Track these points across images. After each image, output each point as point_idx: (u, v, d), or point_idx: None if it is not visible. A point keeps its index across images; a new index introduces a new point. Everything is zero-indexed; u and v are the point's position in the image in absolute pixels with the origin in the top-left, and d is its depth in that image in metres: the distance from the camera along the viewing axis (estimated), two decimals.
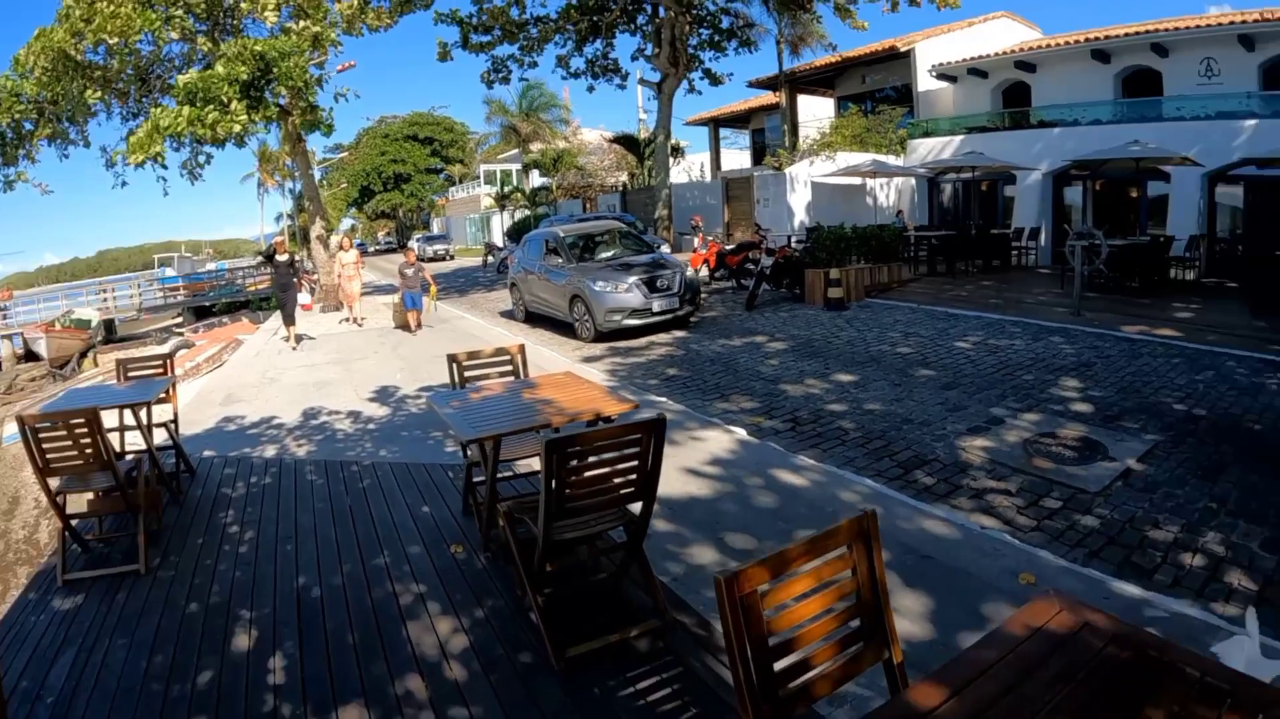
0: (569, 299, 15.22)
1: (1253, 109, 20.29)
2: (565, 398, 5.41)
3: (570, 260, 15.74)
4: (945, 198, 28.04)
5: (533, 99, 48.12)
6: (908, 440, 8.31)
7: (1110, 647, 2.30)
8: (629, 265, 15.13)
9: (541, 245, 16.96)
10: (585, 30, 25.98)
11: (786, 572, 2.48)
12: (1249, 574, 5.47)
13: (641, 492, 4.19)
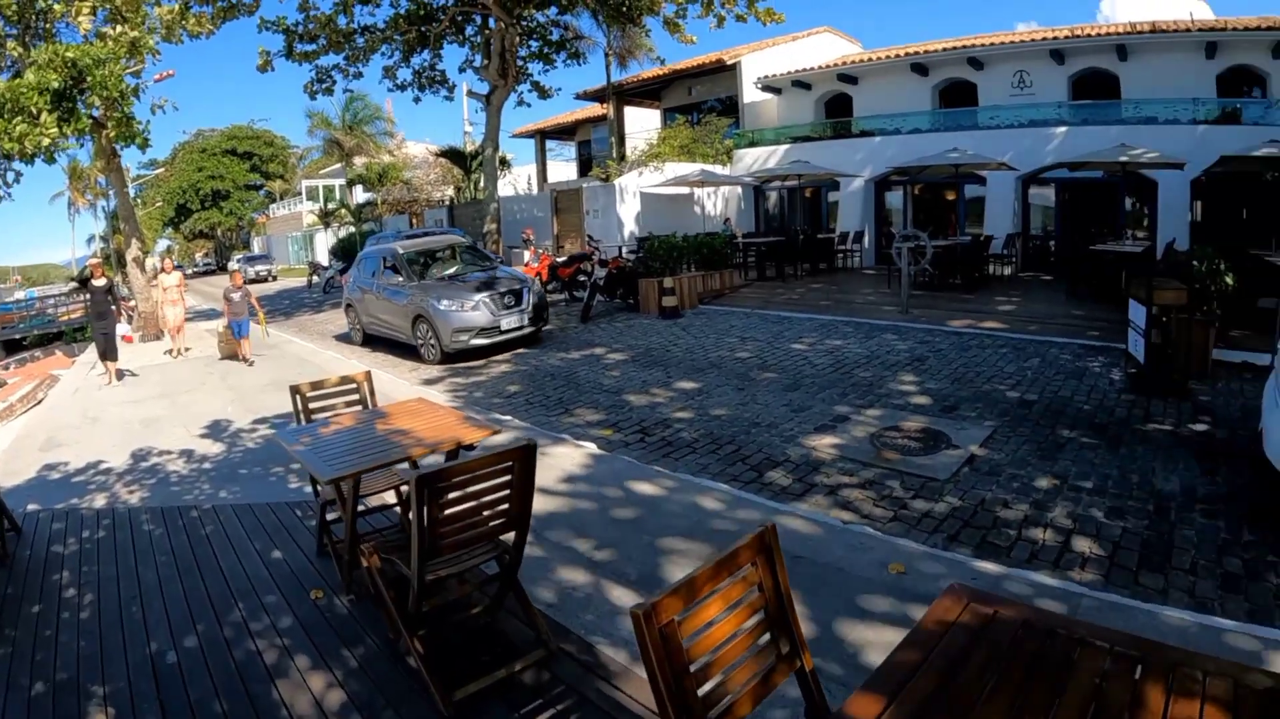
0: (411, 320, 14.33)
1: (1063, 117, 21.96)
2: (422, 427, 5.14)
3: (411, 278, 14.79)
4: (771, 205, 28.80)
5: (356, 111, 46.40)
6: (758, 443, 8.26)
7: (1022, 632, 2.38)
8: (475, 282, 14.40)
9: (379, 263, 15.92)
10: (413, 40, 25.18)
11: (699, 597, 2.42)
12: (1098, 542, 5.79)
13: (515, 521, 4.04)
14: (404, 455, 4.65)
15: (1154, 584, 5.23)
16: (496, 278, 14.74)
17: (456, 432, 4.97)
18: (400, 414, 5.49)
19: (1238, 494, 6.68)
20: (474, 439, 4.89)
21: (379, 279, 15.63)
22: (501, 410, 10.13)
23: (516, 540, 4.15)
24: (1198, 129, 19.17)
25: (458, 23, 25.14)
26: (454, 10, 24.37)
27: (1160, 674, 2.14)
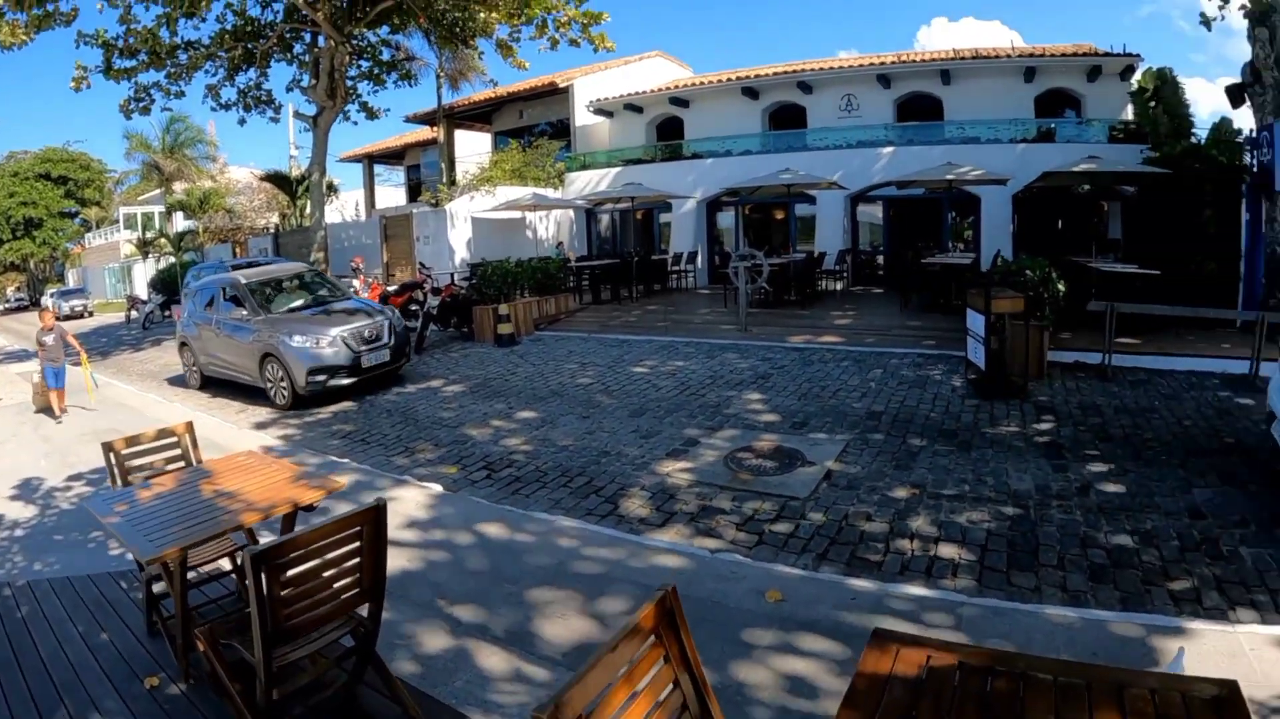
0: (259, 359, 12.50)
1: (890, 138, 22.98)
2: (254, 487, 4.61)
3: (257, 311, 12.96)
4: (603, 227, 28.91)
5: (178, 133, 43.62)
6: (609, 473, 7.93)
7: (961, 675, 2.29)
8: (329, 314, 12.94)
9: (217, 294, 13.95)
10: (239, 58, 23.74)
11: (605, 686, 2.17)
12: (965, 548, 5.80)
13: (368, 592, 3.67)
14: (234, 524, 4.14)
15: (1026, 583, 5.28)
16: (354, 310, 13.38)
17: (292, 491, 4.50)
18: (228, 471, 4.94)
19: (1089, 487, 6.85)
20: (312, 499, 4.45)
21: (218, 313, 13.71)
22: (337, 453, 9.35)
23: (372, 611, 3.74)
24: (1017, 147, 20.53)
25: (286, 40, 23.96)
26: (282, 27, 23.22)
27: (1111, 699, 2.10)
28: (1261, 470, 7.28)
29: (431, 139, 32.14)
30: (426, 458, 8.88)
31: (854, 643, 4.29)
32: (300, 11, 22.19)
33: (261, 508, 4.26)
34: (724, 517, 6.56)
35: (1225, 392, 10.18)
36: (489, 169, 26.98)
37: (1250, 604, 4.92)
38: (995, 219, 20.54)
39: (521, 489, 7.60)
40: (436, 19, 22.43)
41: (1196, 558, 5.54)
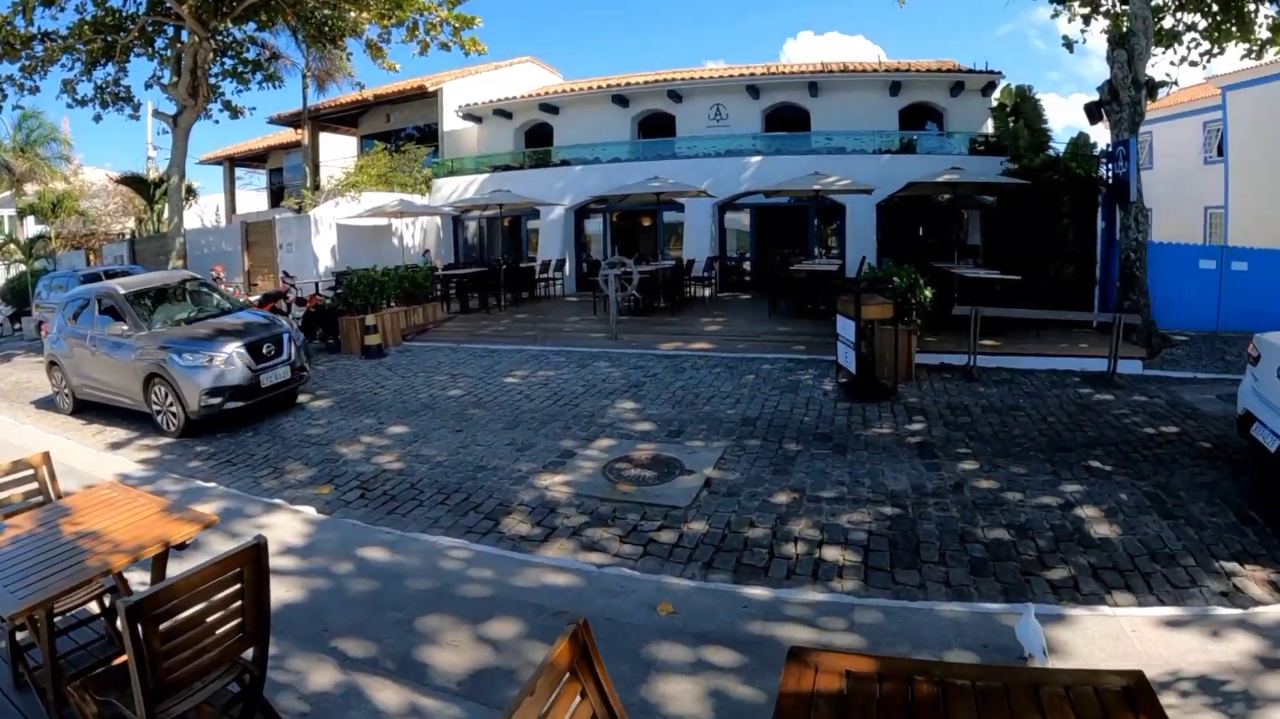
0: (143, 380, 10.92)
1: (758, 147, 23.47)
2: (120, 524, 4.18)
3: (139, 326, 11.39)
4: (470, 234, 28.43)
5: (30, 130, 40.87)
6: (487, 489, 7.65)
7: (883, 685, 2.30)
8: (221, 329, 11.62)
9: (91, 307, 12.26)
10: (98, 51, 22.20)
11: None
12: (848, 549, 5.86)
13: (253, 635, 3.44)
14: (103, 569, 3.77)
15: (911, 581, 5.39)
16: (249, 323, 12.13)
17: (162, 528, 4.14)
18: (91, 508, 4.47)
19: (962, 484, 7.01)
20: (185, 536, 4.14)
21: (93, 328, 12.00)
22: (203, 476, 8.65)
23: (257, 655, 3.49)
24: (882, 158, 21.33)
25: (148, 34, 22.60)
26: (145, 19, 21.93)
27: (1029, 699, 2.16)
28: (1124, 461, 7.65)
29: (295, 142, 31.01)
30: (297, 479, 8.37)
31: (753, 652, 4.25)
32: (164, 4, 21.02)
33: (130, 549, 3.91)
34: (607, 529, 6.44)
35: (1086, 388, 10.70)
36: (355, 174, 26.19)
37: (1125, 588, 5.18)
38: (860, 227, 21.13)
39: (398, 508, 7.26)
40: (305, 16, 21.62)
41: (1070, 547, 5.78)
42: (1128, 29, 14.39)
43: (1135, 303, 13.53)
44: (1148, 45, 14.26)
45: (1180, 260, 15.61)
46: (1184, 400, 10.09)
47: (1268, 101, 22.70)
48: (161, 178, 29.84)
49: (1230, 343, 13.93)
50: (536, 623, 4.69)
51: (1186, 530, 6.03)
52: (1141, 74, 14.16)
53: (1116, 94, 14.32)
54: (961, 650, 4.23)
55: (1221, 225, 24.96)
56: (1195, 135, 27.51)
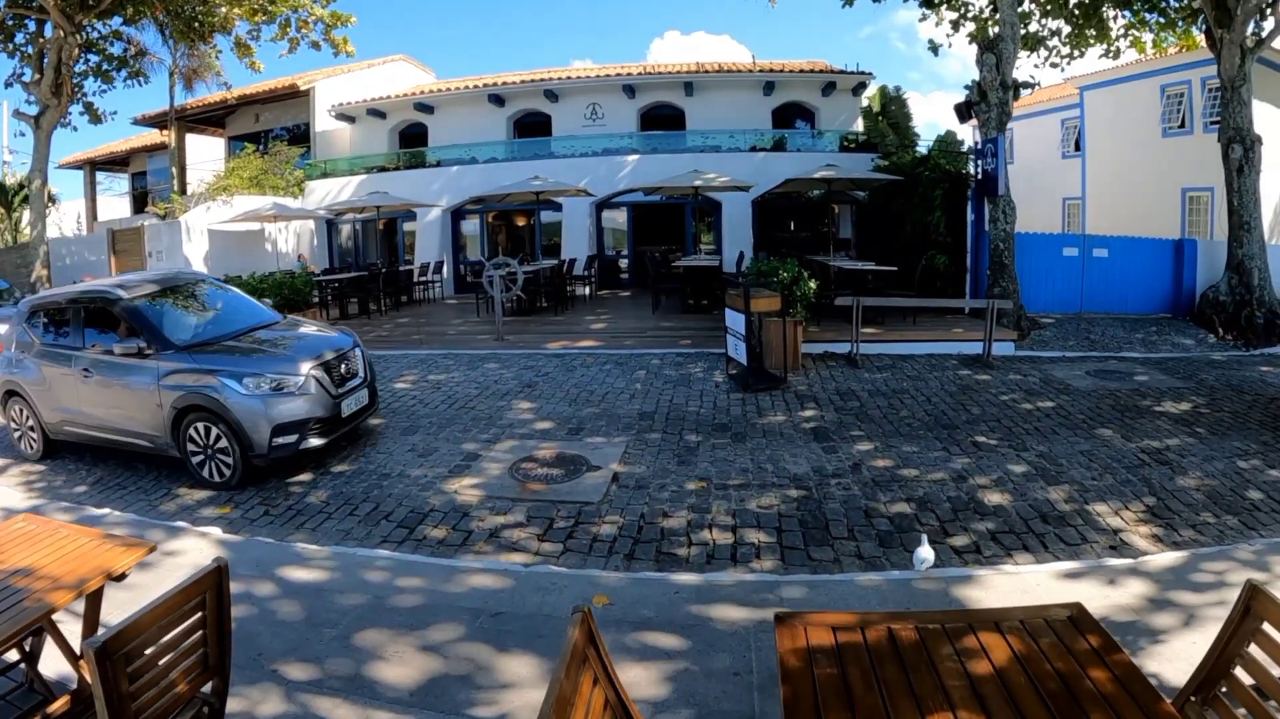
0: (173, 415, 8.13)
1: (635, 146, 23.81)
2: (50, 558, 3.81)
3: (161, 342, 8.40)
4: (344, 238, 27.76)
5: None
6: (395, 497, 7.46)
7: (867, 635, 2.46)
8: (279, 344, 9.13)
9: (74, 320, 9.19)
10: None
11: None
12: (763, 531, 6.08)
13: (216, 667, 3.24)
14: (45, 609, 3.40)
15: (826, 557, 5.66)
16: (308, 335, 9.78)
17: (98, 559, 3.79)
18: (10, 543, 4.06)
19: (860, 464, 7.34)
20: (126, 565, 3.80)
21: (83, 348, 8.97)
22: (93, 502, 8.02)
23: (217, 688, 3.30)
24: (757, 156, 21.93)
25: (8, 28, 21.27)
26: (5, 12, 20.52)
27: (992, 631, 2.39)
28: (1007, 435, 8.22)
29: (160, 144, 29.64)
30: (194, 499, 7.90)
31: (693, 633, 4.37)
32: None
33: (70, 584, 3.57)
34: (523, 529, 6.44)
35: (964, 370, 11.31)
36: (226, 176, 25.30)
37: (1024, 548, 5.61)
38: (736, 222, 21.71)
39: (305, 523, 6.99)
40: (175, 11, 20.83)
41: (968, 516, 6.20)
42: (996, 34, 15.21)
43: (1005, 289, 14.35)
44: (1015, 49, 15.17)
45: (1046, 249, 16.60)
46: (1056, 377, 10.80)
47: (1122, 100, 24.34)
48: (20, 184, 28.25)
49: (1094, 323, 14.92)
50: (476, 626, 4.66)
51: (1071, 494, 6.53)
52: (1009, 76, 15.08)
53: (985, 95, 15.16)
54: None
55: (1079, 215, 26.67)
56: (1054, 132, 29.21)
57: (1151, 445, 7.82)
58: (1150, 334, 14.13)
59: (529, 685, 4.02)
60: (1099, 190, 25.41)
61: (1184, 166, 21.57)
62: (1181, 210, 21.91)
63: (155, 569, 5.69)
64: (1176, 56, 20.46)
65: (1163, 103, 22.67)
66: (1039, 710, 1.99)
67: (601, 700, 2.37)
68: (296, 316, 12.04)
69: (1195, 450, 7.64)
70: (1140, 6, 17.66)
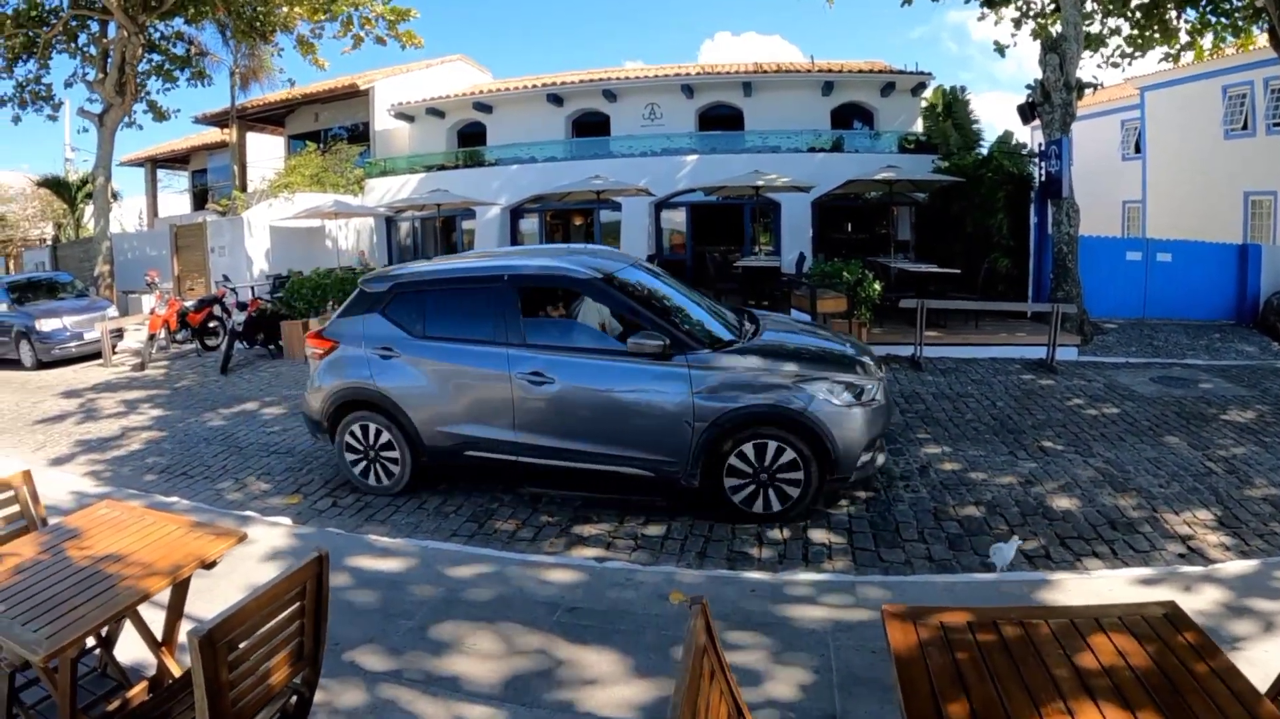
0: (708, 435, 6.39)
1: (694, 146, 23.98)
2: (139, 545, 3.75)
3: (688, 342, 6.64)
4: (403, 236, 28.24)
5: None
6: (465, 490, 7.58)
7: (976, 631, 2.59)
8: (808, 340, 7.74)
9: (505, 299, 7.15)
10: (19, 47, 21.43)
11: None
12: (831, 532, 6.13)
13: (310, 657, 3.22)
14: (139, 594, 3.33)
15: (897, 558, 5.79)
16: (815, 332, 8.55)
17: (191, 546, 3.72)
18: (97, 529, 3.96)
19: (928, 467, 7.52)
20: (219, 553, 3.74)
21: (535, 348, 6.94)
22: (160, 489, 8.32)
23: (309, 678, 3.29)
24: (816, 156, 21.94)
25: (71, 29, 21.90)
26: (70, 13, 21.19)
27: (1094, 627, 2.53)
28: (1073, 440, 8.29)
29: (220, 142, 30.37)
30: (262, 489, 8.15)
31: (773, 632, 4.45)
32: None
33: (163, 570, 3.49)
34: (594, 525, 6.57)
35: (1028, 375, 11.36)
36: (287, 174, 25.89)
37: (1093, 554, 5.70)
38: (795, 224, 21.77)
39: (374, 514, 7.17)
40: (236, 11, 21.31)
41: (1037, 520, 6.30)
42: (1060, 34, 15.19)
43: (1068, 293, 14.31)
44: (1078, 49, 15.11)
45: (1109, 253, 16.55)
46: (1120, 383, 10.81)
47: (1183, 101, 23.94)
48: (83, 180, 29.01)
49: (1156, 329, 14.84)
50: (552, 621, 4.74)
51: (1140, 501, 6.62)
52: (1072, 76, 14.99)
53: (1049, 95, 15.12)
54: None
55: (1139, 219, 26.28)
56: (1114, 133, 28.85)
57: (1218, 453, 7.85)
58: (1214, 341, 14.00)
59: (610, 681, 4.10)
60: (1159, 193, 25.04)
61: (1246, 169, 21.30)
62: (1244, 214, 21.60)
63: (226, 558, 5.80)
64: (1237, 57, 20.12)
65: (1224, 104, 22.30)
66: (1146, 703, 2.11)
67: (718, 693, 2.47)
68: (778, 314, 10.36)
69: (1262, 460, 7.65)
70: (1205, 7, 17.51)
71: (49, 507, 4.83)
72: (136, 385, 13.94)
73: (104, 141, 22.25)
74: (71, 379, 15.11)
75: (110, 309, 18.49)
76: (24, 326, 16.64)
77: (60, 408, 12.52)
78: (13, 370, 16.71)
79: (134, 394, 13.20)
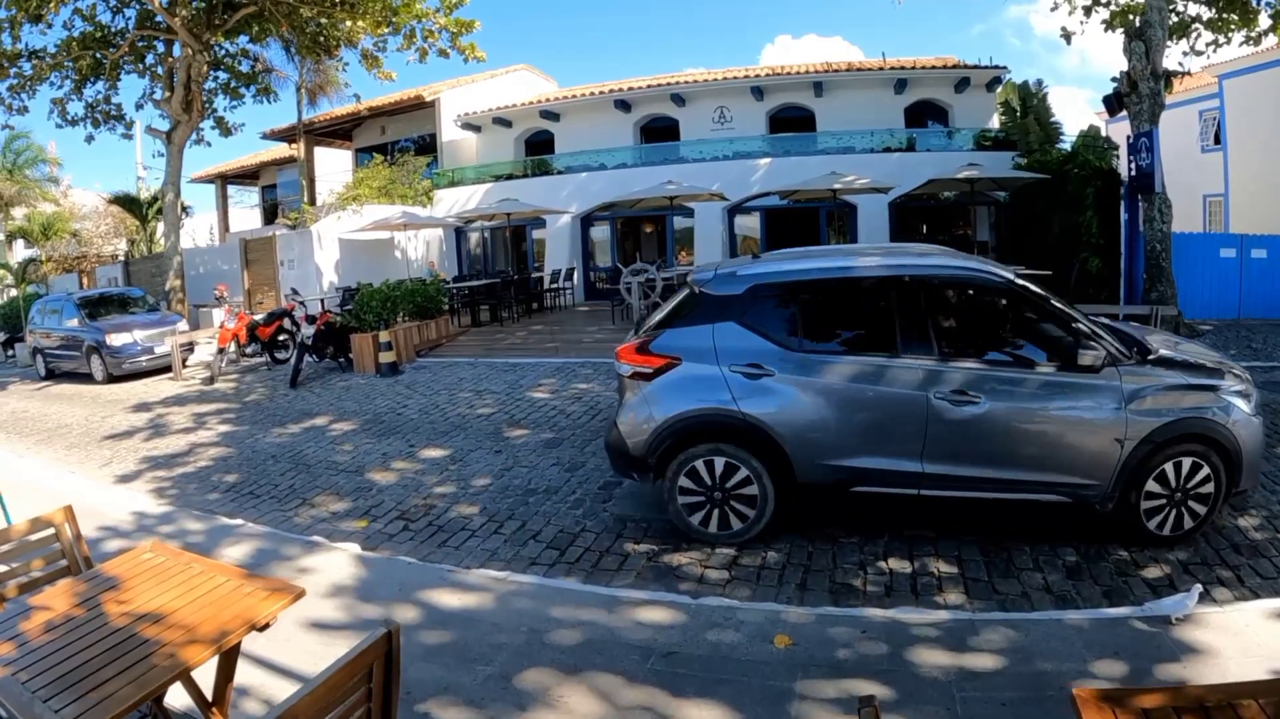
0: (1140, 453, 5.74)
1: (766, 149, 23.66)
2: (182, 600, 3.39)
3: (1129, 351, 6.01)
4: (473, 246, 28.33)
5: (18, 152, 40.35)
6: (544, 514, 7.26)
7: (1179, 715, 2.29)
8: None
9: (879, 315, 6.46)
10: (87, 68, 21.96)
11: None
12: (943, 559, 5.64)
13: None
14: (178, 668, 2.94)
15: (1012, 590, 5.30)
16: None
17: (240, 604, 3.33)
18: (138, 579, 3.61)
19: None
20: (271, 615, 3.33)
21: (946, 362, 6.00)
22: (226, 512, 8.08)
23: None
24: (893, 156, 21.53)
25: (138, 49, 22.41)
26: (135, 35, 21.75)
27: None
28: None
29: (288, 157, 30.89)
30: (330, 510, 7.91)
31: (895, 681, 4.06)
32: (155, 17, 20.92)
33: (208, 637, 3.09)
34: (684, 554, 6.12)
35: None
36: (355, 186, 26.07)
37: (1218, 582, 5.19)
38: (872, 226, 21.24)
39: (448, 540, 6.85)
40: (300, 27, 21.55)
41: (1155, 545, 5.77)
42: (1144, 21, 14.56)
43: (1163, 293, 13.70)
44: (1164, 36, 14.46)
45: (1202, 250, 15.81)
46: None
47: (1264, 88, 23.08)
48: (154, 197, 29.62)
49: (1255, 330, 14.09)
50: (647, 669, 4.32)
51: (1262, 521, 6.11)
52: (1159, 64, 14.38)
53: (1135, 85, 14.51)
54: (1104, 660, 4.13)
55: (1220, 213, 25.45)
56: (1191, 124, 27.76)
57: None
58: None
59: None
60: (1242, 185, 24.13)
61: None
62: None
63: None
64: None
65: None
66: None
67: None
68: None
69: None
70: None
71: (107, 528, 4.60)
72: (205, 400, 14.05)
73: (172, 158, 22.67)
74: (142, 393, 15.30)
75: (181, 323, 18.76)
76: (95, 341, 16.99)
77: (129, 423, 12.62)
78: (84, 384, 17.02)
79: (202, 409, 13.29)
